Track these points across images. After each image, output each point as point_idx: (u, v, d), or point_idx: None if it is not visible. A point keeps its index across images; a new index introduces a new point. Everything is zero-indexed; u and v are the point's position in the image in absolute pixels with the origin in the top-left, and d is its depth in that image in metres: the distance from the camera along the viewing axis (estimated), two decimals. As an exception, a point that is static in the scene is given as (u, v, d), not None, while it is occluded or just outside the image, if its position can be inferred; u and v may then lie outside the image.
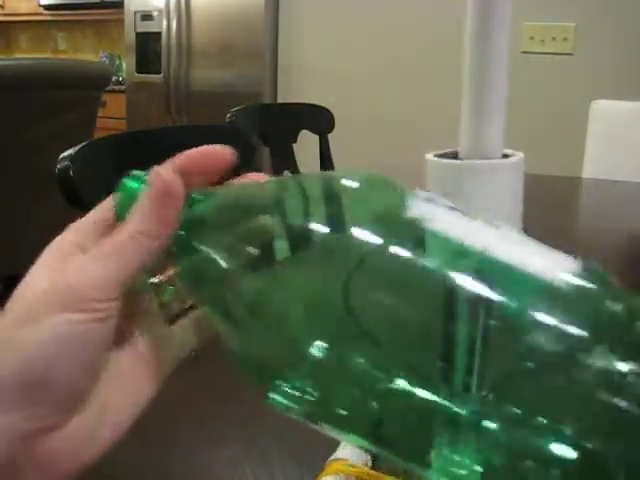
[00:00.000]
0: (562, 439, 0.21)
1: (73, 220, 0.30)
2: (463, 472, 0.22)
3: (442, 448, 0.22)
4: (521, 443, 0.21)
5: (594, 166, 1.68)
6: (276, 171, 1.53)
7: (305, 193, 0.26)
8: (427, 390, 0.22)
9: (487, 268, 0.23)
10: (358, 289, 0.23)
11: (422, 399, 0.22)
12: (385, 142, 2.78)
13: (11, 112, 1.71)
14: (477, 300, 0.22)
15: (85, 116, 1.95)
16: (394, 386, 0.23)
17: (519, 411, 0.22)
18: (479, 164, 0.28)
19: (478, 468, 0.22)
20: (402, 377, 0.23)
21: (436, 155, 0.30)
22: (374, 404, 0.24)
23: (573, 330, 0.22)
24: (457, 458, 0.22)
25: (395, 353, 0.23)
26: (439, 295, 0.22)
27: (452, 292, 0.22)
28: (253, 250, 0.26)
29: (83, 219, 0.31)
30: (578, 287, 0.23)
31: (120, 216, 0.29)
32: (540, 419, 0.21)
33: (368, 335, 0.23)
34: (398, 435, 0.24)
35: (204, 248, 0.27)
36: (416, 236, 0.23)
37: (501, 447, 0.22)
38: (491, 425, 0.22)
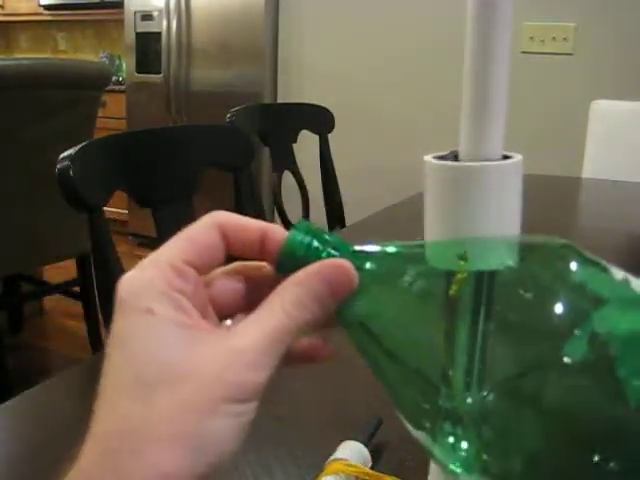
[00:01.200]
0: None
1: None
2: None
3: None
4: None
5: (594, 166, 1.67)
6: (276, 171, 1.53)
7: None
8: None
9: None
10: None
11: None
12: (385, 142, 2.78)
13: (11, 112, 1.71)
14: None
15: (85, 116, 1.95)
16: None
17: None
18: (477, 166, 0.28)
19: None
20: None
21: (436, 156, 0.30)
22: None
23: None
24: None
25: None
26: None
27: None
28: None
29: (184, 248, 0.27)
30: None
31: (282, 266, 0.28)
32: None
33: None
34: None
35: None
36: None
37: None
38: None
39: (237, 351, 0.25)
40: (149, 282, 0.26)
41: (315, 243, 0.28)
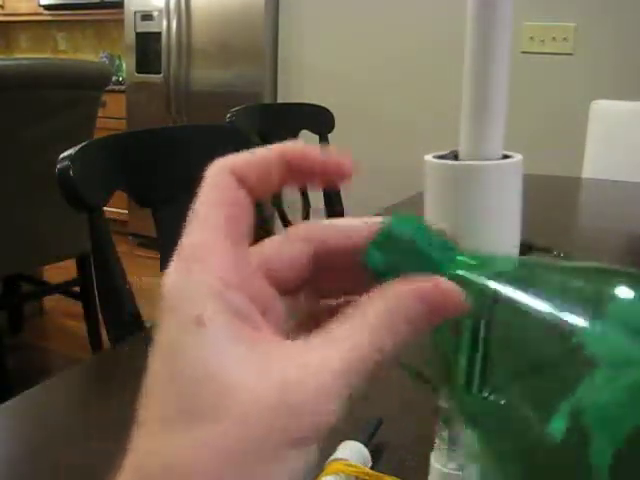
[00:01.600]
0: None
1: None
2: None
3: None
4: None
5: (594, 166, 1.68)
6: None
7: None
8: None
9: None
10: None
11: None
12: (385, 142, 2.78)
13: (11, 112, 1.71)
14: None
15: (85, 116, 1.95)
16: None
17: None
18: (477, 165, 0.28)
19: None
20: None
21: (436, 156, 0.30)
22: None
23: None
24: None
25: None
26: None
27: None
28: None
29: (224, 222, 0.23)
30: None
31: (372, 258, 0.24)
32: None
33: None
34: None
35: None
36: None
37: None
38: None
39: (305, 370, 0.20)
40: (198, 280, 0.21)
41: (422, 243, 0.23)
